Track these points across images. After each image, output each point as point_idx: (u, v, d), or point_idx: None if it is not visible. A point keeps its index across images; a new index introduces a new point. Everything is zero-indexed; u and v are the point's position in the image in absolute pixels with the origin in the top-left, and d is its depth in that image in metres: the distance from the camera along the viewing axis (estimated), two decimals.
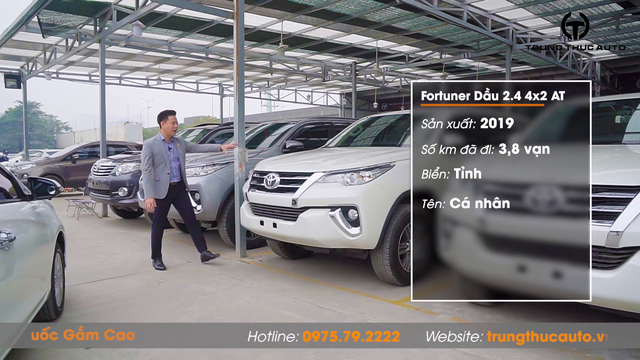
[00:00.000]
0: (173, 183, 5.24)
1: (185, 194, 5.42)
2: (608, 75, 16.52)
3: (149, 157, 5.16)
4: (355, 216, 4.19)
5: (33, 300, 2.93)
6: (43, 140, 51.30)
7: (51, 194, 3.52)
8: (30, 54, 13.95)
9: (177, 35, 11.93)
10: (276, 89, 22.24)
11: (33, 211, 3.28)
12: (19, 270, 2.65)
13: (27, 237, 2.94)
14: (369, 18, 10.39)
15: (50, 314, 3.57)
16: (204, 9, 8.01)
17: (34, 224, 3.20)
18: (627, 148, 3.79)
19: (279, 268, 5.33)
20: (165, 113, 5.33)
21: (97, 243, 6.88)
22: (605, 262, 2.74)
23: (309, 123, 7.17)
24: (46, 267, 3.32)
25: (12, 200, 3.15)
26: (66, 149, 15.52)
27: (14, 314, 2.53)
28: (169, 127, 5.27)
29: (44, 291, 3.21)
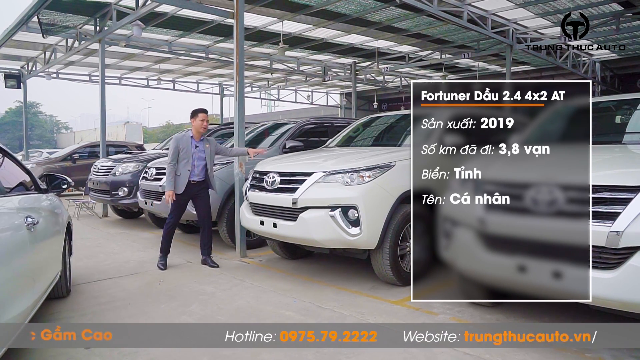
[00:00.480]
0: (193, 181, 5.22)
1: (205, 194, 5.38)
2: (608, 75, 16.52)
3: (174, 150, 5.18)
4: (355, 216, 4.19)
5: (50, 275, 3.53)
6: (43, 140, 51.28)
7: (64, 187, 3.99)
8: (31, 54, 13.95)
9: (177, 35, 11.93)
10: (276, 89, 22.25)
11: (49, 202, 3.82)
12: (40, 249, 3.21)
13: (46, 223, 3.45)
14: (369, 18, 10.39)
15: (62, 292, 4.23)
16: (204, 9, 8.02)
17: (50, 213, 3.72)
18: (627, 148, 3.79)
19: (279, 268, 5.33)
20: (196, 111, 5.34)
21: (97, 243, 6.88)
22: (605, 262, 2.74)
23: (309, 123, 7.17)
24: (59, 250, 3.88)
25: (32, 192, 3.63)
26: (66, 149, 15.53)
27: (38, 283, 3.10)
28: (198, 124, 5.27)
29: (57, 270, 3.83)
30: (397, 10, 9.81)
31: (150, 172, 6.85)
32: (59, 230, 3.93)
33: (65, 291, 4.26)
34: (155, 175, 6.73)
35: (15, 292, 2.64)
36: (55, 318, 3.79)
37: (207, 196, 5.42)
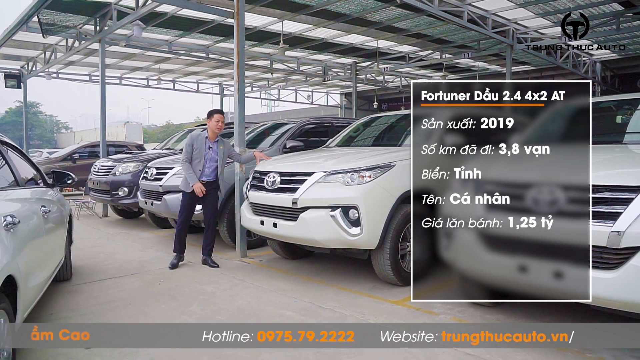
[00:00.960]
0: (203, 181, 5.23)
1: (214, 195, 5.38)
2: (608, 75, 16.52)
3: (189, 148, 5.20)
4: (355, 216, 4.18)
5: (57, 258, 4.06)
6: (43, 140, 51.28)
7: (68, 182, 4.33)
8: (31, 54, 13.93)
9: (177, 35, 11.92)
10: (276, 89, 22.24)
11: (55, 196, 4.32)
12: (51, 234, 3.72)
13: (54, 213, 3.95)
14: (369, 18, 10.38)
15: (67, 275, 4.80)
16: (204, 9, 8.01)
17: (57, 205, 4.20)
18: (628, 148, 3.78)
19: (280, 268, 5.33)
20: (212, 112, 5.36)
21: (98, 243, 6.88)
22: (606, 262, 2.73)
23: (310, 123, 7.16)
24: (63, 238, 4.37)
25: (41, 186, 4.08)
26: (66, 148, 15.52)
27: (49, 263, 3.65)
28: (213, 124, 5.28)
29: (62, 255, 4.32)
30: (397, 10, 9.80)
31: (151, 172, 6.84)
32: (64, 221, 4.42)
33: (69, 274, 4.85)
34: (155, 175, 6.73)
35: (37, 266, 3.15)
36: (55, 318, 3.79)
37: (216, 197, 5.43)
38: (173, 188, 6.25)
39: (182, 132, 10.22)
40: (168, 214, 6.60)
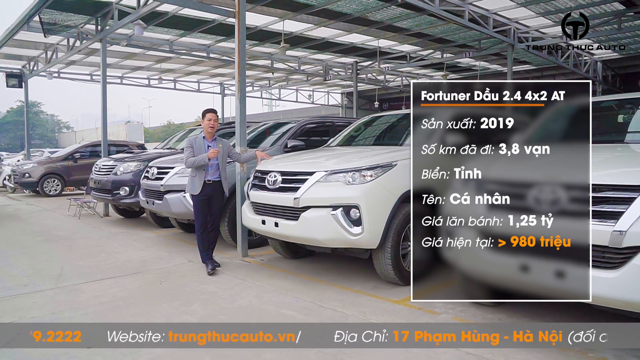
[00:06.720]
0: (208, 181, 5.23)
1: (219, 195, 5.37)
2: (610, 75, 16.49)
3: (189, 151, 5.22)
4: (357, 215, 4.18)
5: None
6: (44, 140, 51.33)
7: None
8: (32, 54, 13.95)
9: (178, 34, 11.93)
10: (277, 89, 22.24)
11: None
12: None
13: None
14: (370, 17, 10.38)
15: None
16: (205, 8, 8.01)
17: None
18: (629, 147, 3.78)
19: (281, 267, 5.33)
20: (205, 111, 5.38)
21: (99, 242, 6.89)
22: (608, 261, 2.73)
23: (311, 122, 7.16)
24: None
25: None
26: (67, 148, 15.53)
27: None
28: (206, 124, 5.30)
29: None
30: (398, 9, 9.80)
31: (152, 172, 6.84)
32: None
33: None
34: (156, 174, 6.73)
35: None
36: (57, 318, 3.79)
37: (222, 197, 5.43)
38: (174, 187, 6.26)
39: (183, 132, 10.23)
40: (169, 214, 6.60)
